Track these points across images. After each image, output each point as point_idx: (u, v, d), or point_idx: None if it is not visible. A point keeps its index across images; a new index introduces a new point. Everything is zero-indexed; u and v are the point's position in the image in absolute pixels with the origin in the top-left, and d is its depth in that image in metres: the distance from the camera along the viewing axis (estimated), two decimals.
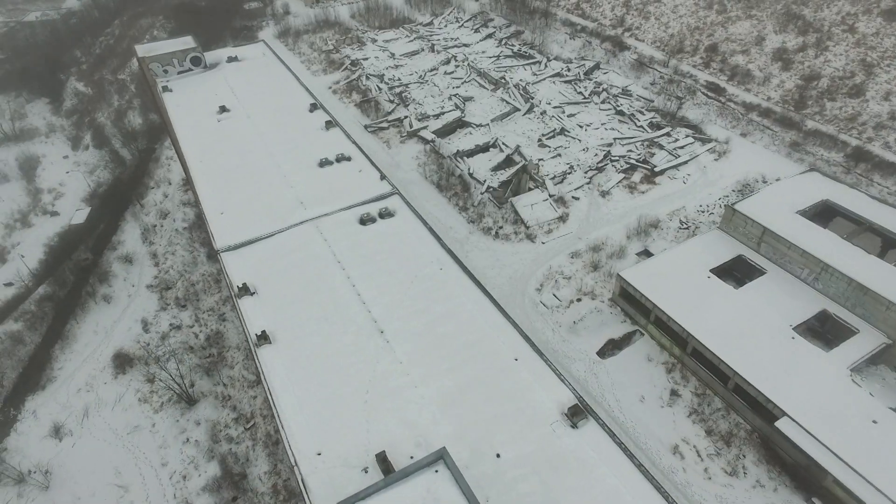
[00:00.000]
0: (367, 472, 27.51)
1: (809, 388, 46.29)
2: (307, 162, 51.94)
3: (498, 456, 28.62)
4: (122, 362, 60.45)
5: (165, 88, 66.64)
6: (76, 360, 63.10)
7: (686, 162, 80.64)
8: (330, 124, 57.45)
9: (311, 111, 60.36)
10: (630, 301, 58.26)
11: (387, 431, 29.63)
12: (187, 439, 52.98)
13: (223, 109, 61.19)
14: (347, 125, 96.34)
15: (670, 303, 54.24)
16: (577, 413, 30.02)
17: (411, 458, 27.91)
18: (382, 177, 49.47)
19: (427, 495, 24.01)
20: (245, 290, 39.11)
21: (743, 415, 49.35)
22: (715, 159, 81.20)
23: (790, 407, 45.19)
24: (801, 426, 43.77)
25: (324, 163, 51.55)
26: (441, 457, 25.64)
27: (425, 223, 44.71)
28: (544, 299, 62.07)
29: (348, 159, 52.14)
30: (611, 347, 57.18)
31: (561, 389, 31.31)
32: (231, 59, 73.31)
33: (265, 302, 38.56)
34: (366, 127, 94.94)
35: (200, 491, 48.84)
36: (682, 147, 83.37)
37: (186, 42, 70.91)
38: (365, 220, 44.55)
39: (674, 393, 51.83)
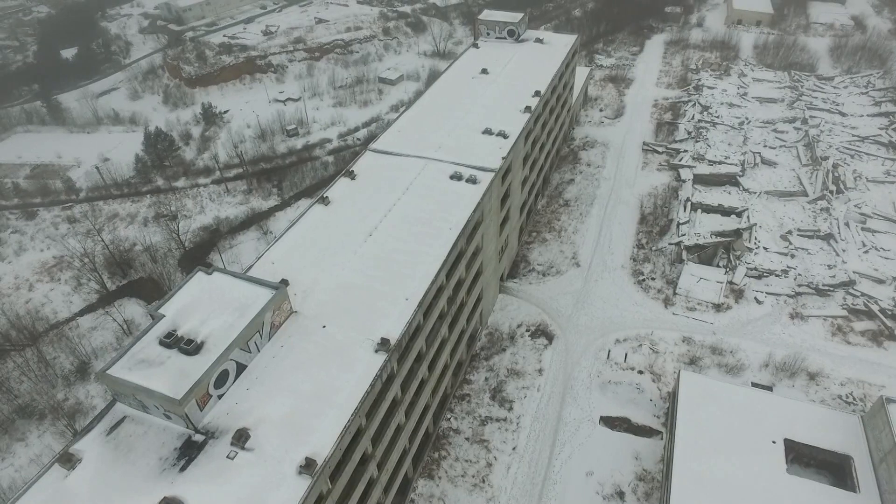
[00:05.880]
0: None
1: None
2: (479, 126, 63.42)
3: (324, 327, 39.49)
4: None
5: (475, 45, 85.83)
6: None
7: None
8: (528, 109, 66.65)
9: (533, 95, 70.12)
10: (675, 403, 52.72)
11: (302, 276, 43.26)
12: None
13: (483, 71, 76.49)
14: (633, 135, 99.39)
15: (691, 428, 47.45)
16: (385, 345, 37.44)
17: (295, 294, 41.44)
18: (504, 157, 57.69)
19: (248, 293, 37.59)
20: (350, 173, 56.44)
21: None
22: None
23: None
24: None
25: (486, 131, 62.22)
26: (277, 288, 38.47)
27: (484, 198, 52.50)
28: (614, 351, 60.50)
29: (504, 136, 61.39)
30: (623, 426, 53.98)
31: (398, 329, 38.83)
32: (537, 40, 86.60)
33: (351, 185, 54.83)
34: (644, 143, 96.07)
35: None
36: None
37: (514, 17, 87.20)
38: (453, 177, 54.85)
39: (619, 495, 47.84)
